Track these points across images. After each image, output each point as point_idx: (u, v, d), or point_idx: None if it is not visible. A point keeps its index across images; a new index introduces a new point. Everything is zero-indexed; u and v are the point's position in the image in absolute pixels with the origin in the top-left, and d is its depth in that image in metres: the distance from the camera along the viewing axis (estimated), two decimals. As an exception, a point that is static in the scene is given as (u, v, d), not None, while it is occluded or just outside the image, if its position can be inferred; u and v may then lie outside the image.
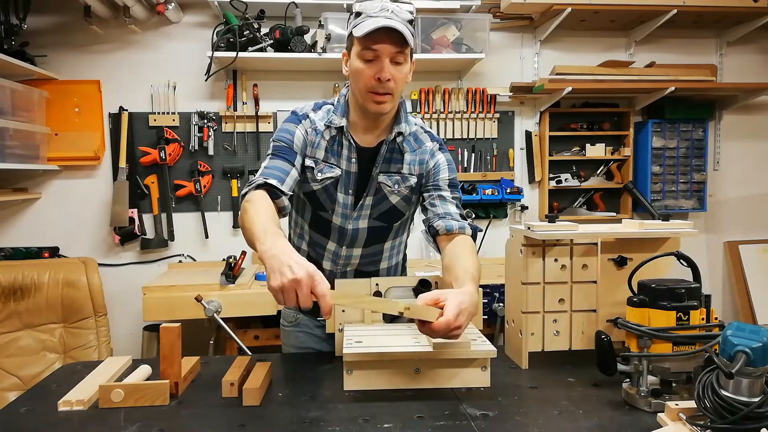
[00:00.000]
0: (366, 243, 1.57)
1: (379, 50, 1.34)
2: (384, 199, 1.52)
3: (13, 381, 2.48)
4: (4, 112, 2.62)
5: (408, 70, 1.42)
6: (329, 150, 1.49)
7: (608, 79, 3.18)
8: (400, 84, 1.39)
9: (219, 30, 2.93)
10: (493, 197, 3.26)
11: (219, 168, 3.15)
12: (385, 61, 1.35)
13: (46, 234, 3.07)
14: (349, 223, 1.53)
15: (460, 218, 1.49)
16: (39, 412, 1.17)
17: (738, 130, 3.56)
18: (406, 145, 1.51)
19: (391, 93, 1.39)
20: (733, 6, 3.10)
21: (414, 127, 1.54)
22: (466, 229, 1.46)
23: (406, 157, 1.51)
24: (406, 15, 1.35)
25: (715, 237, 3.59)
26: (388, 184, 1.50)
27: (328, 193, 1.51)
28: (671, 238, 1.36)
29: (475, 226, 1.51)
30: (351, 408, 1.16)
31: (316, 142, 1.49)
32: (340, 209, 1.52)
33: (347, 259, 1.58)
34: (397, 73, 1.37)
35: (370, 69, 1.36)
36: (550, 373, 1.35)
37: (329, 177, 1.49)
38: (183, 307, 2.44)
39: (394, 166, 1.51)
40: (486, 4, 3.16)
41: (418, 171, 1.52)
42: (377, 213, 1.53)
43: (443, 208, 1.50)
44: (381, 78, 1.35)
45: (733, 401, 0.93)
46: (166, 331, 1.23)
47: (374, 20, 1.32)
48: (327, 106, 1.52)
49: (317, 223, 1.56)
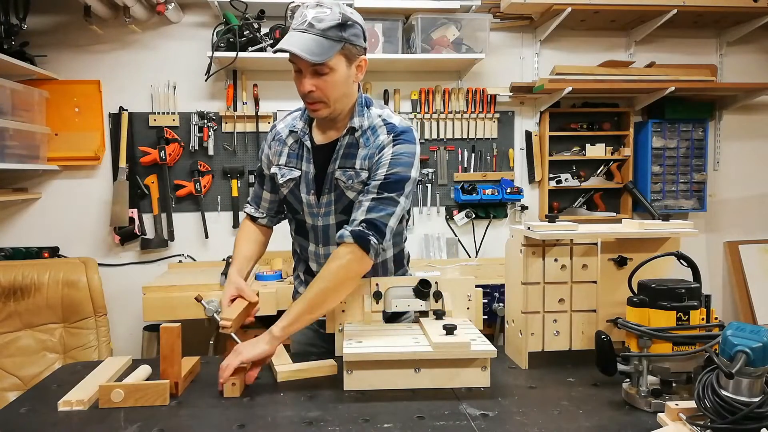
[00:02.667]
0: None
1: (298, 64, 1.38)
2: (342, 195, 1.52)
3: (13, 381, 2.47)
4: (4, 112, 2.62)
5: (343, 76, 1.40)
6: (291, 154, 1.56)
7: (608, 79, 3.18)
8: (330, 91, 1.40)
9: (219, 30, 2.93)
10: (493, 197, 3.26)
11: (219, 168, 3.15)
12: (306, 75, 1.38)
13: (46, 234, 3.06)
14: (318, 220, 1.56)
15: (359, 224, 1.40)
16: (39, 412, 1.17)
17: (738, 130, 3.56)
18: (362, 140, 1.50)
19: (322, 101, 1.41)
20: (733, 6, 3.10)
21: (375, 120, 1.51)
22: (345, 237, 1.39)
23: (361, 152, 1.49)
24: (330, 22, 1.34)
25: (715, 237, 3.59)
26: (343, 180, 1.50)
27: (294, 194, 1.56)
28: (671, 238, 1.36)
29: (362, 232, 1.38)
30: (351, 408, 1.16)
31: (279, 151, 1.58)
32: (307, 208, 1.56)
33: (326, 258, 1.57)
34: (321, 82, 1.38)
35: (298, 80, 1.41)
36: (550, 373, 1.35)
37: (290, 179, 1.55)
38: (183, 307, 2.44)
39: (349, 162, 1.50)
40: (486, 4, 3.16)
41: (368, 165, 1.49)
42: (340, 208, 1.54)
43: (354, 214, 1.45)
44: (301, 92, 1.41)
45: (733, 401, 0.93)
46: (166, 331, 1.23)
47: (290, 37, 1.35)
48: (296, 113, 1.59)
49: (298, 226, 1.62)
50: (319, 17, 1.34)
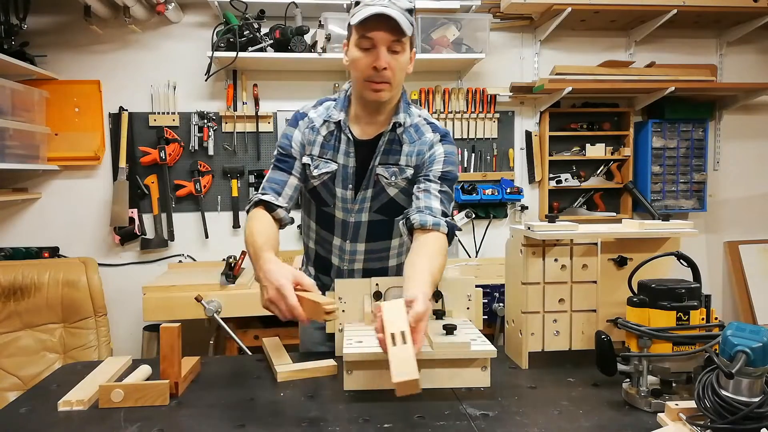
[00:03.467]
0: (369, 237, 1.57)
1: (375, 38, 1.33)
2: (382, 191, 1.51)
3: (13, 381, 2.47)
4: (4, 112, 2.62)
5: (407, 60, 1.41)
6: (325, 145, 1.50)
7: (608, 79, 3.18)
8: (398, 73, 1.38)
9: (219, 30, 2.93)
10: (493, 197, 3.26)
11: (219, 168, 3.15)
12: (382, 50, 1.34)
13: (46, 234, 3.07)
14: (351, 216, 1.53)
15: (441, 215, 1.43)
16: (39, 412, 1.17)
17: (738, 130, 3.56)
18: (405, 137, 1.50)
19: (389, 81, 1.37)
20: (733, 6, 3.10)
21: (417, 119, 1.52)
22: (441, 227, 1.40)
23: (405, 148, 1.49)
24: (405, 4, 1.34)
25: (715, 237, 3.59)
26: (385, 176, 1.49)
27: (327, 188, 1.52)
28: (671, 238, 1.36)
29: (454, 224, 1.45)
30: (351, 408, 1.16)
31: (312, 140, 1.50)
32: (340, 203, 1.52)
33: (352, 254, 1.58)
34: (393, 61, 1.35)
35: (367, 58, 1.35)
36: (550, 373, 1.35)
37: (325, 172, 1.50)
38: (183, 307, 2.44)
39: (392, 158, 1.49)
40: (486, 4, 3.16)
41: (415, 162, 1.50)
42: (377, 206, 1.53)
43: (425, 202, 1.45)
44: (377, 66, 1.34)
45: (733, 401, 0.93)
46: (166, 331, 1.23)
47: (370, 8, 1.31)
48: (328, 102, 1.53)
49: (322, 218, 1.57)
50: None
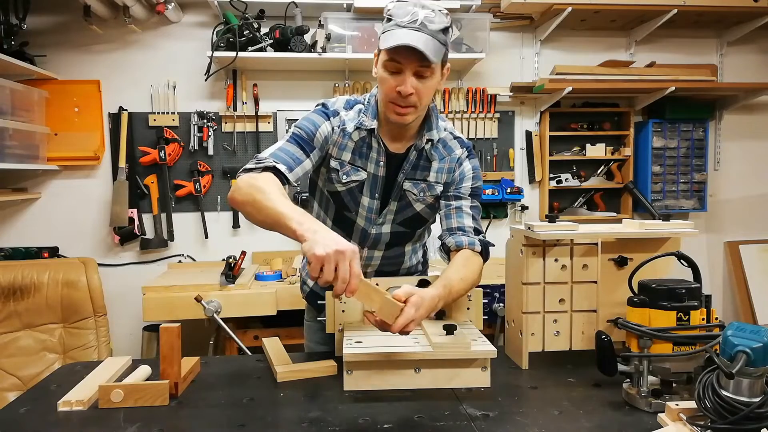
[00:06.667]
0: (387, 246, 1.57)
1: (403, 64, 1.30)
2: (408, 206, 1.51)
3: (13, 381, 2.47)
4: (3, 112, 2.62)
5: (436, 83, 1.37)
6: (356, 152, 1.46)
7: (608, 79, 3.18)
8: (424, 97, 1.35)
9: (219, 30, 2.93)
10: (493, 197, 3.26)
11: (219, 168, 3.15)
12: (408, 76, 1.30)
13: (46, 234, 3.06)
14: (373, 227, 1.52)
15: (474, 232, 1.47)
16: (39, 412, 1.17)
17: (738, 130, 3.56)
18: (434, 153, 1.49)
19: (414, 106, 1.35)
20: (733, 6, 3.10)
21: (443, 133, 1.51)
22: (476, 246, 1.45)
23: (434, 165, 1.49)
24: (439, 24, 1.29)
25: (716, 237, 3.59)
26: (414, 192, 1.48)
27: (352, 195, 1.49)
28: (671, 238, 1.36)
29: (487, 242, 1.49)
30: (351, 408, 1.16)
31: (342, 144, 1.45)
32: (365, 212, 1.51)
33: (368, 260, 1.58)
34: (421, 86, 1.32)
35: (394, 80, 1.32)
36: (551, 374, 1.35)
37: (355, 180, 1.47)
38: (183, 307, 2.43)
39: (420, 174, 1.48)
40: (486, 3, 3.15)
41: (444, 179, 1.50)
42: (401, 219, 1.52)
43: (458, 221, 1.47)
44: (402, 92, 1.31)
45: (733, 401, 0.93)
46: (165, 331, 1.23)
47: (401, 33, 1.27)
48: (358, 106, 1.48)
49: (341, 221, 1.55)
50: (430, 18, 1.28)
